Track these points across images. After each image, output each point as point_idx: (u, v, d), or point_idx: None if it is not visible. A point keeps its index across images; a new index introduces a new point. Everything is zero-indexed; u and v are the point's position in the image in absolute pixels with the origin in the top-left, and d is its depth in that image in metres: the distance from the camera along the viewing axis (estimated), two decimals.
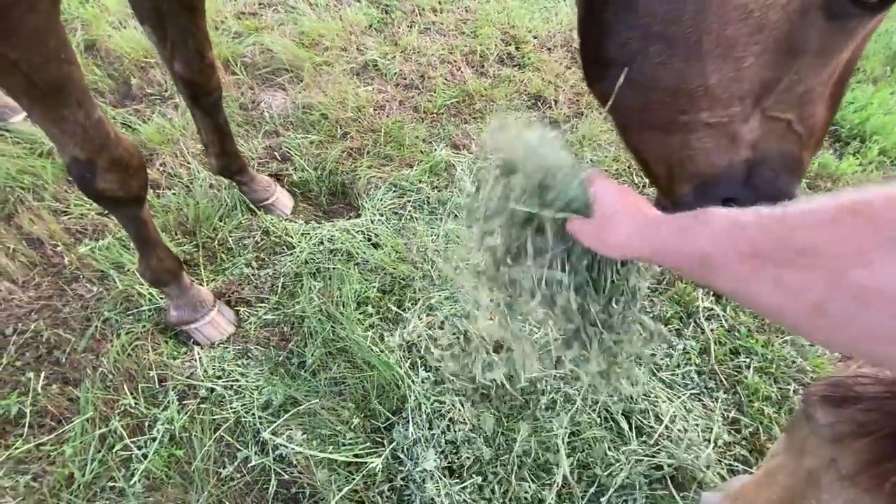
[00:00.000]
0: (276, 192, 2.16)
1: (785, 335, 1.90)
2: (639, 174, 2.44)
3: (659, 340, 0.92)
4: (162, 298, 1.82)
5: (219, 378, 1.68)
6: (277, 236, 2.07)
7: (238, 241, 2.06)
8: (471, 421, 1.58)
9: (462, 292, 1.87)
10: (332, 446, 1.53)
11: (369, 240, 2.09)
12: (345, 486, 1.45)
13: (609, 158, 2.46)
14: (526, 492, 1.47)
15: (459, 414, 1.59)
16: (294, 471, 1.50)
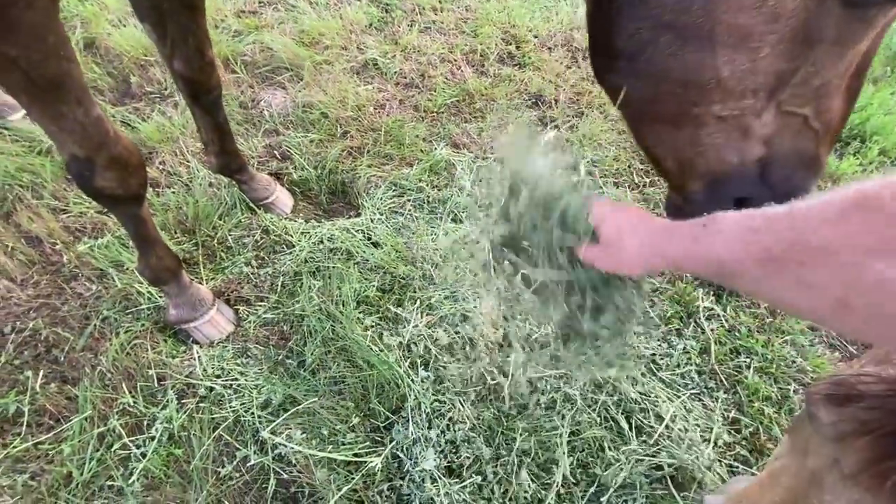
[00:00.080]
0: (276, 191, 2.16)
1: (785, 335, 1.90)
2: (639, 174, 2.44)
3: (648, 326, 0.92)
4: (161, 297, 1.82)
5: (218, 377, 1.67)
6: (277, 235, 2.07)
7: (238, 239, 2.06)
8: (470, 420, 1.57)
9: (465, 292, 1.87)
10: (332, 445, 1.53)
11: (369, 239, 2.08)
12: (344, 486, 1.45)
13: (609, 158, 2.46)
14: (526, 491, 1.46)
15: (459, 413, 1.58)
16: (293, 470, 1.50)
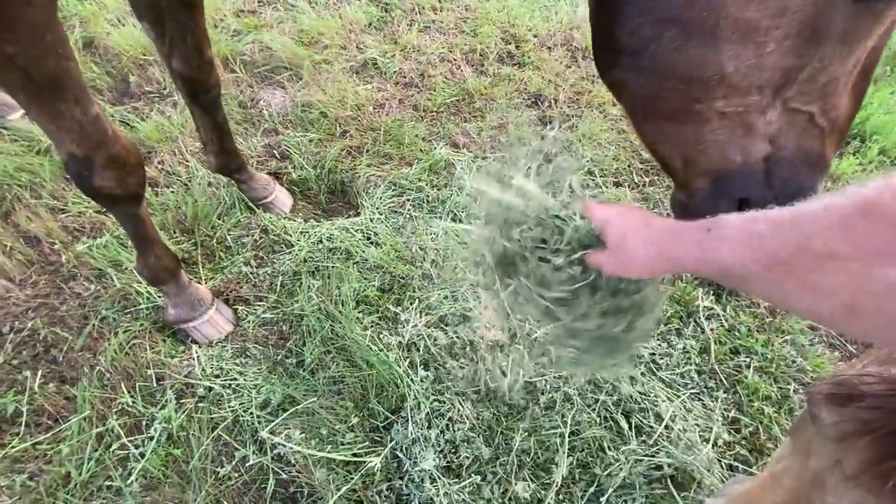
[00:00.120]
0: (275, 191, 2.16)
1: (785, 335, 1.90)
2: (638, 173, 2.44)
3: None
4: (160, 297, 1.81)
5: (217, 377, 1.67)
6: (276, 235, 2.06)
7: (237, 239, 2.05)
8: (470, 420, 1.57)
9: (464, 292, 1.86)
10: (331, 445, 1.53)
11: (368, 238, 2.08)
12: (343, 486, 1.45)
13: (609, 157, 2.46)
14: (525, 491, 1.46)
15: (458, 413, 1.58)
16: (292, 470, 1.49)
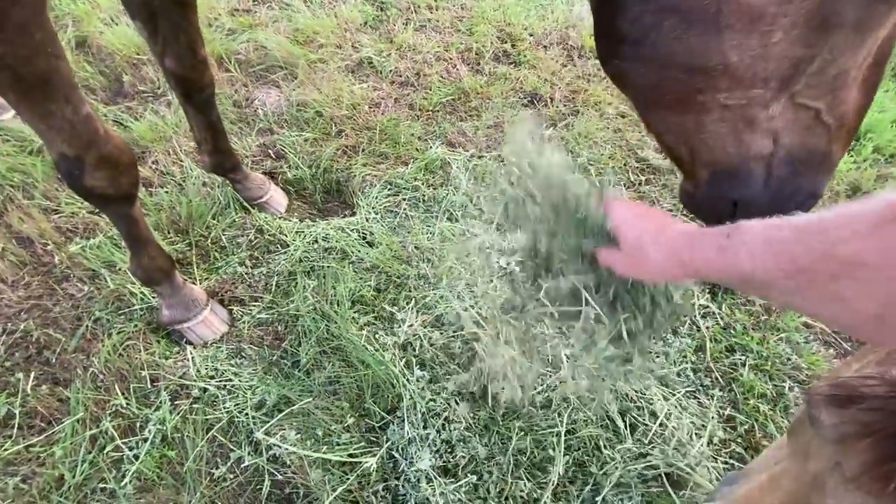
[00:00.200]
0: (270, 190, 2.15)
1: (780, 332, 1.90)
2: (634, 172, 2.44)
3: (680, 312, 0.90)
4: (154, 298, 1.80)
5: (212, 378, 1.66)
6: (271, 235, 2.05)
7: (231, 239, 2.04)
8: (466, 420, 1.57)
9: (460, 291, 1.86)
10: (327, 446, 1.52)
11: (364, 238, 2.07)
12: (339, 487, 1.44)
13: (605, 156, 2.46)
14: (521, 490, 1.46)
15: (454, 413, 1.58)
16: (288, 471, 1.49)
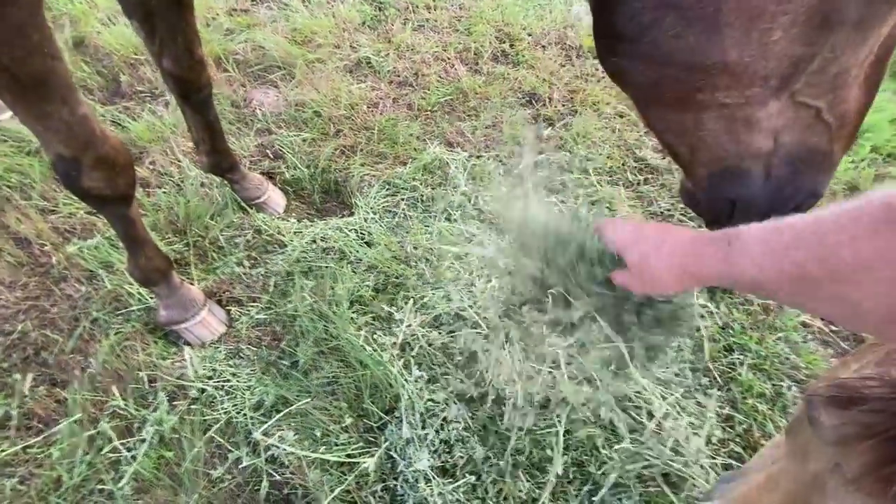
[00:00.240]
0: (268, 191, 2.14)
1: (778, 332, 1.90)
2: (633, 171, 2.44)
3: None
4: (152, 298, 1.80)
5: (209, 378, 1.66)
6: (269, 235, 2.05)
7: (229, 239, 2.04)
8: (464, 420, 1.56)
9: (459, 291, 1.86)
10: (325, 446, 1.52)
11: (362, 238, 2.07)
12: (337, 487, 1.44)
13: (603, 156, 2.46)
14: (520, 490, 1.46)
15: (453, 413, 1.57)
16: (286, 471, 1.49)
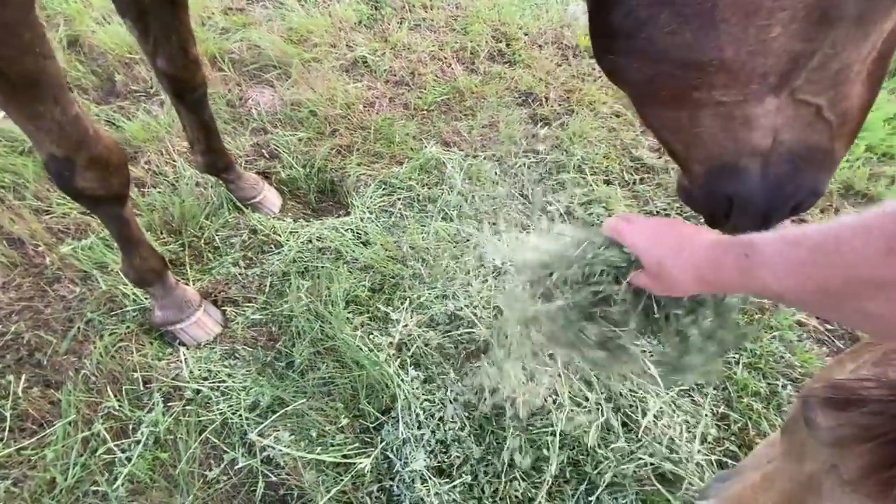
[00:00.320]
0: (264, 190, 2.14)
1: (774, 331, 1.91)
2: (629, 171, 2.44)
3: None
4: (146, 299, 1.79)
5: (205, 379, 1.65)
6: (265, 235, 2.04)
7: (225, 239, 2.03)
8: (460, 420, 1.56)
9: (455, 291, 1.86)
10: (321, 447, 1.52)
11: (359, 238, 2.06)
12: (333, 487, 1.44)
13: (599, 155, 2.46)
14: (516, 490, 1.46)
15: (449, 413, 1.57)
16: (282, 472, 1.48)
